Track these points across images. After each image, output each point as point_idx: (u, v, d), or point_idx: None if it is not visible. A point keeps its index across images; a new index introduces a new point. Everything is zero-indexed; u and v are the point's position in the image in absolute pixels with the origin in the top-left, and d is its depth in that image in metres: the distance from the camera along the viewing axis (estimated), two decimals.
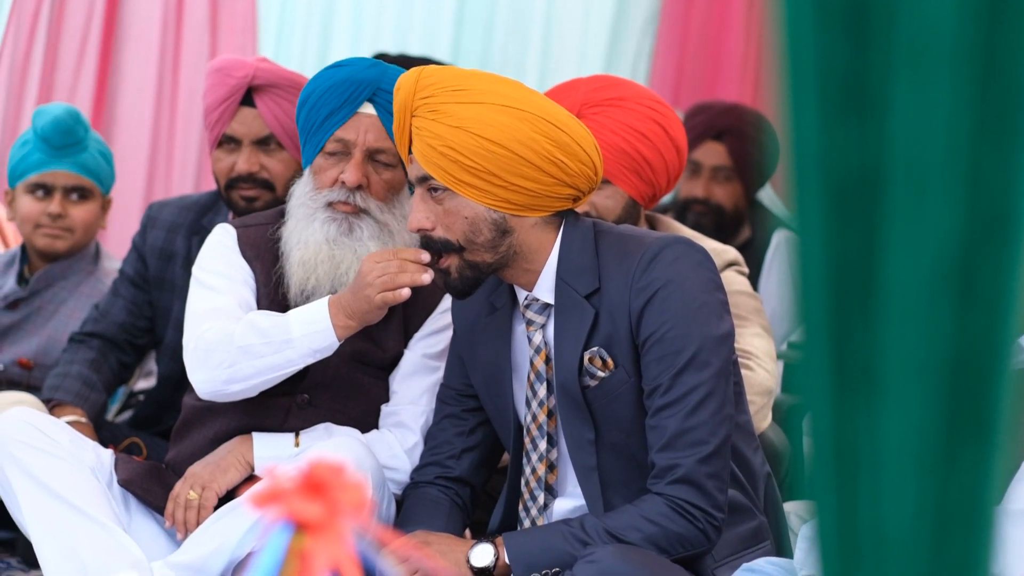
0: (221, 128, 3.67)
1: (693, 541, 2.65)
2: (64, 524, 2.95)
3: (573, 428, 2.76)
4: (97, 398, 3.72)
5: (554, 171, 2.69)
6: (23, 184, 4.03)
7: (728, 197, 4.75)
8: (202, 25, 5.26)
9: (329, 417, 3.10)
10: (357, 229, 3.02)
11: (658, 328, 2.65)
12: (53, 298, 4.08)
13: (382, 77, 3.02)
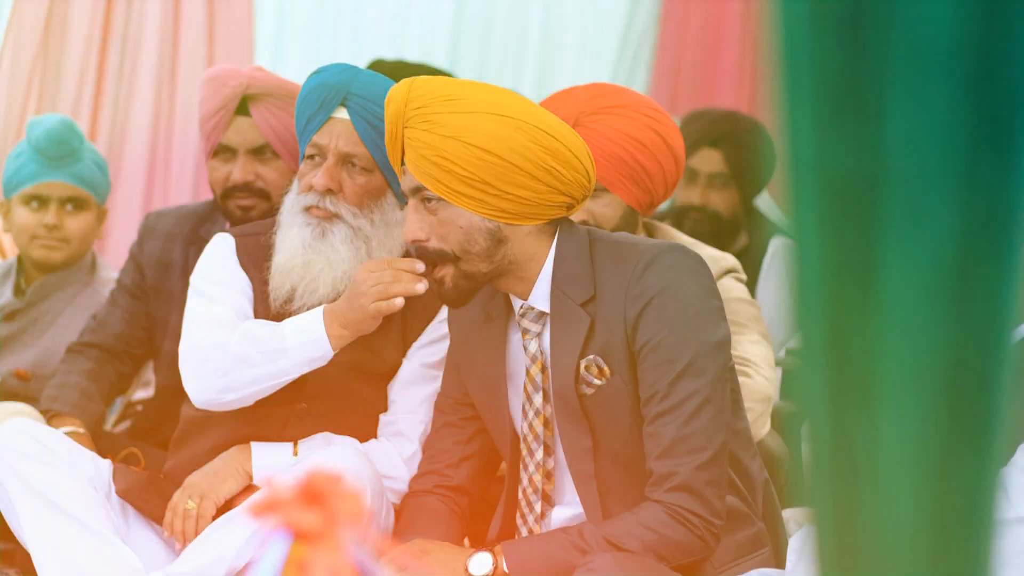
0: (216, 138, 3.67)
1: (692, 548, 2.64)
2: (62, 535, 2.95)
3: (571, 436, 2.76)
4: (95, 408, 3.72)
5: (548, 179, 2.69)
6: (18, 196, 4.03)
7: (725, 204, 4.75)
8: (199, 35, 5.26)
9: (327, 426, 3.10)
10: (329, 234, 3.03)
11: (654, 335, 2.65)
12: (50, 309, 4.08)
13: (353, 81, 3.02)
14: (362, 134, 3.00)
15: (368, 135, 3.00)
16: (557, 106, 3.26)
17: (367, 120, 3.00)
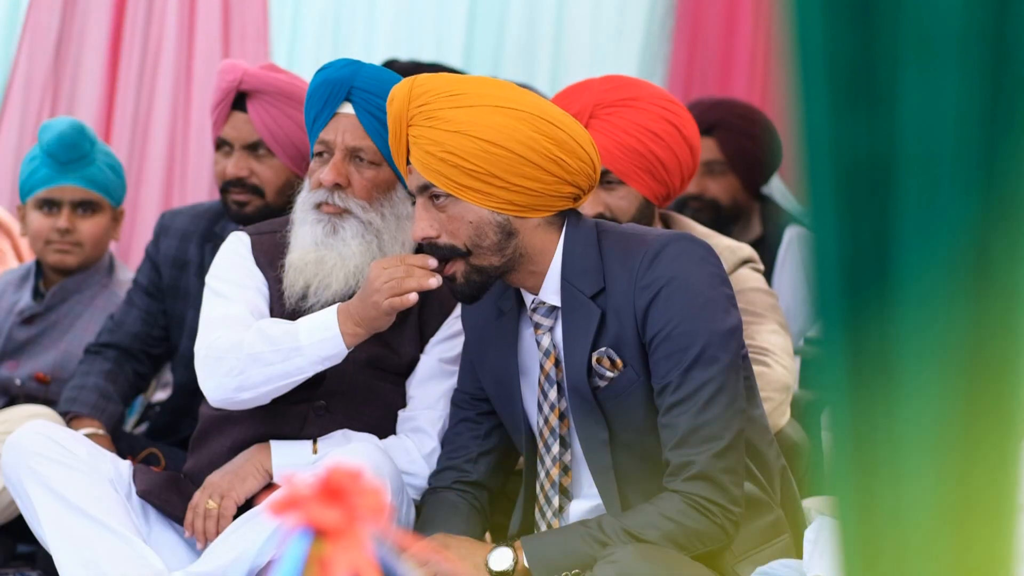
0: (217, 131, 3.70)
1: (711, 536, 2.64)
2: (84, 536, 2.95)
3: (587, 429, 2.76)
4: (114, 409, 3.72)
5: (555, 169, 2.69)
6: (32, 200, 4.04)
7: (723, 191, 4.73)
8: (214, 34, 5.26)
9: (346, 423, 3.10)
10: (340, 230, 3.03)
11: (664, 326, 2.65)
12: (68, 312, 4.09)
13: (355, 76, 3.03)
14: (368, 128, 3.00)
15: (374, 128, 3.00)
16: (572, 99, 3.26)
17: (372, 114, 3.00)
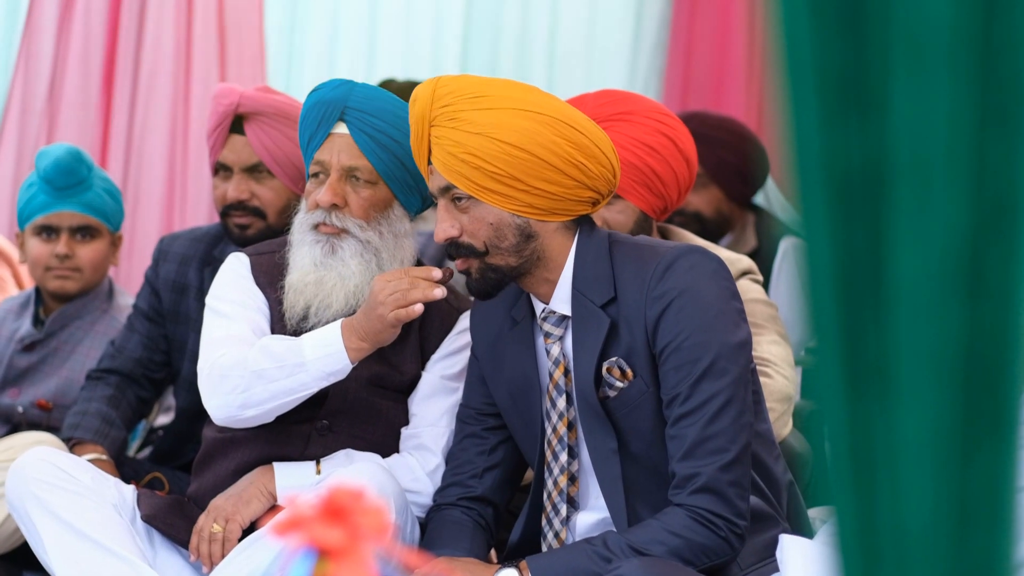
0: (215, 155, 3.70)
1: (717, 550, 2.64)
2: (89, 562, 2.95)
3: (596, 439, 2.76)
4: (117, 434, 3.72)
5: (575, 173, 2.70)
6: (30, 226, 4.04)
7: (706, 203, 4.72)
8: (211, 58, 5.28)
9: (349, 443, 3.10)
10: (339, 250, 3.04)
11: (675, 337, 2.65)
12: (69, 338, 4.09)
13: (349, 95, 3.04)
14: (362, 147, 3.01)
15: (369, 147, 3.01)
16: None
17: (366, 132, 3.01)
